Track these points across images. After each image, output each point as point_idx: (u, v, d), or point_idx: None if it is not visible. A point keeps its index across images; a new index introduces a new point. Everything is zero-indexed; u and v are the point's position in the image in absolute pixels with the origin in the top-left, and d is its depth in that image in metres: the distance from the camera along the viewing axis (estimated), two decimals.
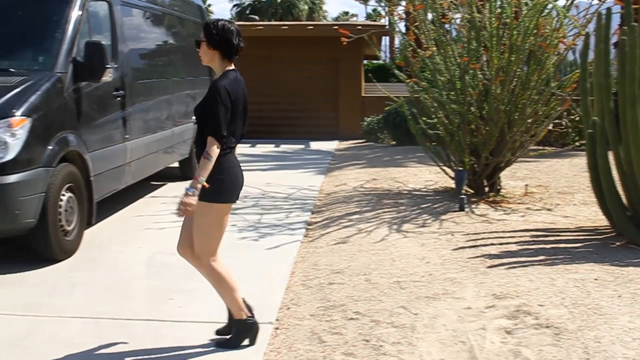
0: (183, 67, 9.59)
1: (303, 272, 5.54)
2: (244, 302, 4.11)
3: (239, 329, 4.08)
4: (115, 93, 6.93)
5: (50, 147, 5.61)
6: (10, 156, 5.25)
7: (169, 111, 8.80)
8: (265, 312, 4.55)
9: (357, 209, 7.83)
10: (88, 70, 6.19)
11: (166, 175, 9.42)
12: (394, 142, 15.02)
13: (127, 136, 7.15)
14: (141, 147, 7.56)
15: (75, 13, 6.34)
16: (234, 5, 51.85)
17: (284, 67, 16.45)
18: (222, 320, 4.30)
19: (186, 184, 3.86)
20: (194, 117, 9.59)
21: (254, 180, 9.93)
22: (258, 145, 14.67)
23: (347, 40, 9.10)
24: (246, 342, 4.08)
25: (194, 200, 3.69)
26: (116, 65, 6.96)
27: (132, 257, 5.98)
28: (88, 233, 6.33)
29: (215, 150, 3.74)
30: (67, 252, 5.87)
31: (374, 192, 8.97)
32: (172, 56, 9.29)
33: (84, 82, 6.26)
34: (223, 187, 3.86)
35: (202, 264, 3.99)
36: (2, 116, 5.31)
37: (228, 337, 4.13)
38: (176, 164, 9.74)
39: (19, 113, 5.38)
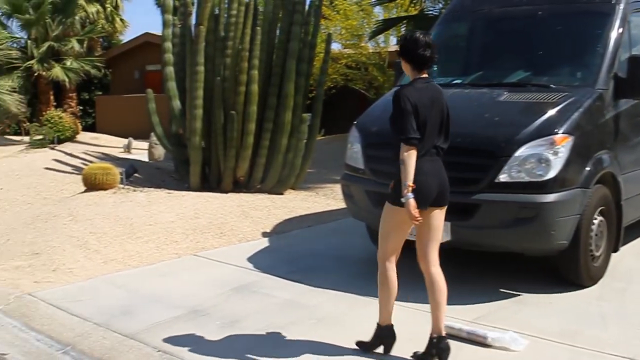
0: None
1: None
2: None
3: (377, 334, 4.21)
4: None
5: (587, 168, 5.36)
6: (551, 174, 5.11)
7: None
8: None
9: None
10: (630, 87, 5.77)
11: None
12: None
13: None
14: None
15: (616, 26, 5.98)
16: None
17: None
18: None
19: None
20: None
21: None
22: None
23: None
24: (380, 349, 4.21)
25: (411, 206, 3.78)
26: None
27: None
28: (611, 260, 5.90)
29: (405, 155, 3.79)
30: (593, 278, 5.56)
31: None
32: None
33: (623, 99, 5.87)
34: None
35: (379, 262, 4.13)
36: (545, 133, 5.20)
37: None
38: None
39: (561, 131, 5.23)
